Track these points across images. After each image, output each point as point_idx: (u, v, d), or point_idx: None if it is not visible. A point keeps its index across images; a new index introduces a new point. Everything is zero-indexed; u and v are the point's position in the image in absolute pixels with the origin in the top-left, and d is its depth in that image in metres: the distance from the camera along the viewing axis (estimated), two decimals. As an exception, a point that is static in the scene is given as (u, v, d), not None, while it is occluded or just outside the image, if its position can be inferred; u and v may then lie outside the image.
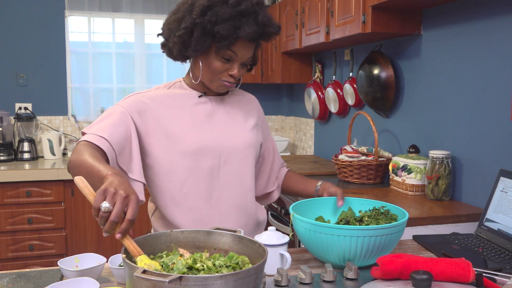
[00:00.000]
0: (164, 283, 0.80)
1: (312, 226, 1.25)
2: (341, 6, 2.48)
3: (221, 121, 1.49)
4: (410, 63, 2.52)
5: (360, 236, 1.20)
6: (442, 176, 2.12)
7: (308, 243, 1.30)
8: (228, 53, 1.39)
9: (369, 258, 1.25)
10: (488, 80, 2.00)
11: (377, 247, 1.22)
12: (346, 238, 1.21)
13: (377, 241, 1.21)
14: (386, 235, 1.22)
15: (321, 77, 3.55)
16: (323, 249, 1.26)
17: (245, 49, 1.40)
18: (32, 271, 1.26)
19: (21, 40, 3.71)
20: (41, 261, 3.23)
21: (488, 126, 2.00)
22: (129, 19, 3.89)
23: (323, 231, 1.23)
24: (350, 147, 2.75)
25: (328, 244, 1.24)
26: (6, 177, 3.13)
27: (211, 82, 1.45)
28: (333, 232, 1.22)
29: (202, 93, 1.51)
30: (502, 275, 1.21)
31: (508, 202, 1.58)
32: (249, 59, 1.44)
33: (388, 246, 1.25)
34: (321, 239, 1.24)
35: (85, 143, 1.29)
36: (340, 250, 1.23)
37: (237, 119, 1.53)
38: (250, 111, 1.59)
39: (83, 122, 3.89)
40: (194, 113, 1.47)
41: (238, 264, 1.01)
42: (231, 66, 1.41)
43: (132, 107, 1.40)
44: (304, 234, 1.29)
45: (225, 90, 1.48)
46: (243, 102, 1.60)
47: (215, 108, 1.50)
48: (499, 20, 1.94)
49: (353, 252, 1.23)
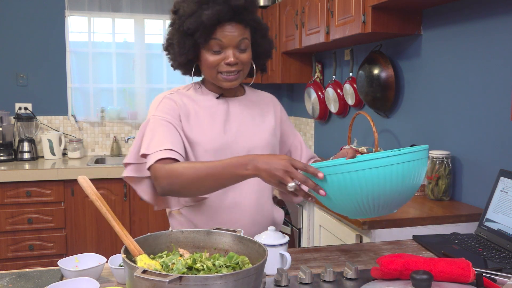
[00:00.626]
0: (164, 283, 0.80)
1: (329, 169, 1.13)
2: (341, 6, 2.48)
3: (238, 122, 1.48)
4: (410, 63, 2.52)
5: (375, 166, 1.10)
6: (442, 176, 2.12)
7: (331, 193, 1.16)
8: (213, 43, 1.37)
9: (395, 196, 1.15)
10: (488, 80, 2.00)
11: (403, 178, 1.13)
12: (372, 170, 1.10)
13: (405, 169, 1.12)
14: (412, 160, 1.13)
15: (321, 77, 3.55)
16: (345, 192, 1.14)
17: (229, 32, 1.37)
18: (32, 271, 1.26)
19: (21, 40, 3.71)
20: (41, 261, 3.23)
21: (488, 126, 2.00)
22: (129, 19, 3.89)
23: (340, 170, 1.11)
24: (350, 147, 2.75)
25: (342, 188, 1.12)
26: (6, 177, 3.13)
27: (215, 80, 1.43)
28: (356, 167, 1.10)
29: (219, 94, 1.50)
30: (502, 275, 1.21)
31: (508, 202, 1.58)
32: (240, 41, 1.38)
33: (411, 177, 1.15)
34: (339, 183, 1.12)
35: (162, 163, 1.28)
36: (367, 187, 1.12)
37: (254, 119, 1.51)
38: (268, 110, 1.57)
39: (83, 122, 3.89)
40: (212, 114, 1.46)
41: (238, 264, 1.01)
42: (224, 55, 1.38)
43: (171, 115, 1.40)
44: (324, 184, 1.16)
45: (231, 83, 1.43)
46: (260, 101, 1.58)
47: (232, 109, 1.49)
48: (499, 20, 1.94)
49: (381, 186, 1.12)
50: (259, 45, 1.48)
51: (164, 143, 1.32)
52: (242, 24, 1.39)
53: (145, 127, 1.40)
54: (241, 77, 1.45)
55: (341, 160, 1.13)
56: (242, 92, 1.57)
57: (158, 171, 1.28)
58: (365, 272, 1.24)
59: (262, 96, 1.61)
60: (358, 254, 1.45)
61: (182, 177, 1.24)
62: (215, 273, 0.96)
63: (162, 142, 1.32)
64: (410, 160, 1.13)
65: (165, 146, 1.31)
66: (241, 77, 1.44)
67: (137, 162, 1.41)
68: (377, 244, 1.55)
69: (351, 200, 1.14)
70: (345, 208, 1.18)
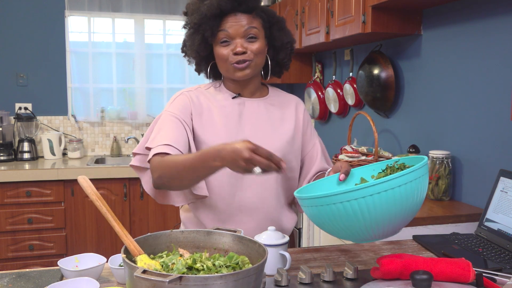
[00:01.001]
0: (164, 283, 0.80)
1: (316, 201, 1.07)
2: (341, 6, 2.48)
3: (250, 124, 1.45)
4: (410, 63, 2.52)
5: (376, 192, 1.01)
6: (442, 176, 2.12)
7: (321, 223, 1.12)
8: (221, 34, 1.37)
9: (396, 219, 1.07)
10: (488, 80, 2.00)
11: (401, 200, 1.04)
12: (360, 200, 1.02)
13: (402, 192, 1.03)
14: (408, 182, 1.03)
15: (321, 77, 3.55)
16: (340, 223, 1.07)
17: (234, 22, 1.36)
18: (32, 271, 1.26)
19: (21, 40, 3.71)
20: (41, 261, 3.23)
21: (488, 126, 2.00)
22: (129, 19, 3.89)
23: (332, 201, 1.04)
24: (350, 147, 2.75)
25: (343, 215, 1.05)
26: (6, 177, 3.13)
27: (228, 72, 1.41)
28: (343, 198, 1.03)
29: (237, 94, 1.48)
30: (502, 275, 1.21)
31: (508, 202, 1.58)
32: (247, 30, 1.36)
33: (414, 197, 1.07)
34: (332, 213, 1.05)
35: (158, 157, 1.28)
36: (359, 218, 1.04)
37: (271, 124, 1.47)
38: (289, 115, 1.51)
39: (83, 122, 3.89)
40: (226, 114, 1.44)
41: (238, 264, 1.01)
42: (233, 46, 1.37)
43: (182, 112, 1.40)
44: (313, 215, 1.11)
45: (242, 72, 1.39)
46: (283, 104, 1.53)
47: (248, 110, 1.46)
48: (499, 20, 1.94)
49: (378, 215, 1.04)
50: (276, 39, 1.45)
51: (166, 139, 1.32)
52: (250, 13, 1.38)
53: (157, 122, 1.41)
54: (253, 67, 1.40)
55: (334, 190, 1.07)
56: (265, 94, 1.53)
57: (152, 164, 1.30)
58: (365, 272, 1.24)
59: (286, 99, 1.55)
60: (358, 254, 1.45)
61: (168, 169, 1.25)
62: (215, 273, 0.96)
63: (165, 138, 1.33)
64: (413, 179, 1.05)
65: (166, 142, 1.31)
66: (253, 67, 1.39)
67: (143, 153, 1.42)
68: (377, 244, 1.55)
69: (349, 228, 1.08)
70: (344, 234, 1.12)
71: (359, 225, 1.06)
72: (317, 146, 1.56)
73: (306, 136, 1.55)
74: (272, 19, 1.43)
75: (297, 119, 1.53)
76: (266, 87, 1.56)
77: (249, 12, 1.37)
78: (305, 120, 1.55)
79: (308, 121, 1.57)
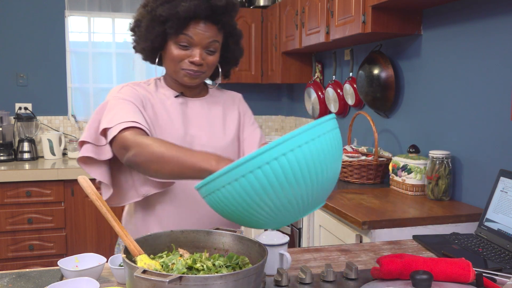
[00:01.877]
0: (164, 283, 0.80)
1: (220, 180, 0.87)
2: (341, 6, 2.48)
3: (195, 124, 1.40)
4: (410, 63, 2.52)
5: (275, 157, 0.84)
6: (442, 176, 2.12)
7: (233, 208, 0.90)
8: (183, 37, 1.31)
9: (322, 177, 0.89)
10: (488, 80, 2.00)
11: (324, 152, 0.88)
12: (276, 162, 0.84)
13: (306, 152, 0.85)
14: (311, 140, 0.86)
15: (321, 77, 3.55)
16: (254, 202, 0.88)
17: (201, 31, 1.31)
18: (32, 271, 1.26)
19: (21, 40, 3.71)
20: (41, 261, 3.23)
21: (488, 126, 2.00)
22: (129, 19, 3.87)
23: (238, 175, 0.85)
24: (350, 147, 2.76)
25: (258, 189, 0.86)
26: (6, 177, 3.13)
27: (176, 74, 1.36)
28: (253, 165, 0.84)
29: (179, 93, 1.43)
30: (502, 275, 1.21)
31: (508, 202, 1.58)
32: (210, 43, 1.33)
33: (333, 150, 0.90)
34: (244, 189, 0.86)
35: (132, 132, 1.19)
36: (282, 185, 0.86)
37: (214, 122, 1.44)
38: (230, 113, 1.49)
39: (83, 122, 3.89)
40: (169, 112, 1.39)
41: (238, 264, 1.01)
42: (191, 53, 1.33)
43: (134, 98, 1.33)
44: (220, 201, 0.90)
45: (192, 80, 1.37)
46: (224, 102, 1.50)
47: (191, 110, 1.42)
48: (499, 20, 1.94)
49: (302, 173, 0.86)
50: (230, 51, 1.43)
51: (128, 117, 1.24)
52: (217, 25, 1.34)
53: (104, 108, 1.31)
54: (203, 78, 1.40)
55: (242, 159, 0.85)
56: (205, 93, 1.50)
57: (126, 139, 1.19)
58: (365, 272, 1.24)
59: (226, 96, 1.53)
60: (358, 254, 1.45)
61: (148, 149, 1.14)
62: (215, 273, 0.96)
63: (126, 116, 1.24)
64: (326, 131, 0.89)
65: (129, 119, 1.23)
66: (202, 78, 1.39)
67: (95, 143, 1.30)
68: (377, 244, 1.55)
69: (268, 205, 0.88)
70: (267, 216, 0.91)
71: (281, 195, 0.87)
72: (256, 133, 1.50)
73: (246, 122, 1.52)
74: (233, 31, 1.41)
75: (238, 114, 1.51)
76: (205, 86, 1.52)
77: (217, 24, 1.33)
78: (244, 109, 1.53)
79: (247, 109, 1.54)
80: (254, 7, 3.88)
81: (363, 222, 1.81)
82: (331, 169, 0.91)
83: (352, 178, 2.57)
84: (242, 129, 1.50)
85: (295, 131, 0.85)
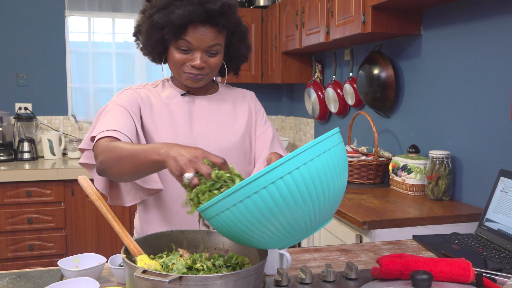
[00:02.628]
0: (164, 283, 0.80)
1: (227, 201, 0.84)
2: (341, 6, 2.48)
3: (200, 122, 1.40)
4: (410, 63, 2.52)
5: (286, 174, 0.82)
6: (442, 176, 2.12)
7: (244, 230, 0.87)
8: (182, 42, 1.30)
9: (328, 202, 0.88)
10: (488, 80, 2.00)
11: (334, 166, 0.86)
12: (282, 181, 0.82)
13: (312, 169, 0.84)
14: (316, 157, 0.84)
15: (321, 77, 3.55)
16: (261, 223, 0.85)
17: (200, 35, 1.29)
18: (32, 271, 1.26)
19: (21, 40, 3.71)
20: (41, 261, 3.23)
21: (488, 126, 2.00)
22: (129, 19, 3.89)
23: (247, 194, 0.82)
24: (350, 147, 2.76)
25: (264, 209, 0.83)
26: (6, 177, 3.13)
27: (180, 76, 1.36)
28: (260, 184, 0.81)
29: (186, 91, 1.43)
30: (502, 275, 1.21)
31: (508, 202, 1.58)
32: (210, 46, 1.31)
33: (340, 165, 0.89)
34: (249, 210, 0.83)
35: (104, 140, 1.20)
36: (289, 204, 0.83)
37: (220, 120, 1.42)
38: (240, 110, 1.48)
39: (83, 122, 3.89)
40: (174, 111, 1.39)
41: (238, 264, 1.01)
42: (192, 57, 1.32)
43: (129, 102, 1.35)
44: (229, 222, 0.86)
45: (195, 83, 1.36)
46: (234, 100, 1.49)
47: (198, 108, 1.41)
48: (499, 20, 1.94)
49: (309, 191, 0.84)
50: (234, 48, 1.41)
51: (112, 125, 1.25)
52: (217, 27, 1.32)
53: (101, 113, 1.34)
54: (207, 79, 1.38)
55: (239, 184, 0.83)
56: (214, 90, 1.49)
57: (97, 148, 1.21)
58: (365, 272, 1.24)
59: (237, 94, 1.52)
60: (358, 254, 1.45)
61: (110, 153, 1.14)
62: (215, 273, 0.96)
63: (110, 124, 1.25)
64: (331, 147, 0.87)
65: (111, 127, 1.24)
66: (206, 79, 1.37)
67: (90, 149, 1.33)
68: (377, 244, 1.55)
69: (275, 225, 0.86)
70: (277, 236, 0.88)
71: (288, 215, 0.85)
72: (269, 132, 1.50)
73: (258, 120, 1.50)
74: (236, 29, 1.38)
75: (249, 111, 1.49)
76: (216, 84, 1.51)
77: (217, 26, 1.31)
78: (256, 107, 1.52)
79: (259, 107, 1.53)
80: (254, 7, 3.88)
81: (363, 222, 1.81)
82: (337, 185, 0.90)
83: (352, 178, 2.57)
84: (254, 127, 1.49)
85: (298, 149, 0.83)
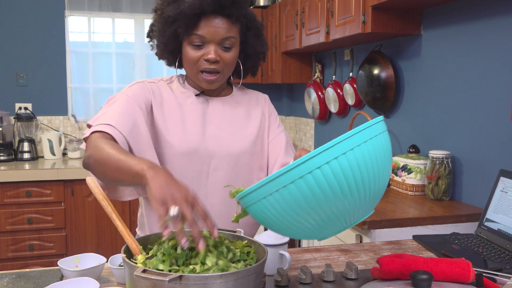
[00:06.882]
0: (164, 282, 0.80)
1: (268, 187, 0.83)
2: (341, 6, 2.48)
3: (213, 124, 1.37)
4: (410, 63, 2.52)
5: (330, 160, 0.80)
6: (442, 176, 2.12)
7: (281, 218, 0.87)
8: (194, 38, 1.27)
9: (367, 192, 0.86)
10: (488, 80, 2.00)
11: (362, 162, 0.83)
12: (323, 168, 0.79)
13: (358, 155, 0.82)
14: (363, 143, 0.83)
15: (321, 77, 3.55)
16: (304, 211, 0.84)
17: (213, 27, 1.25)
18: (32, 271, 1.26)
19: (21, 40, 3.70)
20: (41, 261, 3.23)
21: (488, 126, 2.00)
22: (129, 19, 3.89)
23: (288, 180, 0.80)
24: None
25: (300, 198, 0.81)
26: (6, 177, 3.13)
27: (195, 77, 1.32)
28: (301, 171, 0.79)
29: (200, 92, 1.39)
30: (502, 275, 1.21)
31: (508, 202, 1.58)
32: (224, 39, 1.27)
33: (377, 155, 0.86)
34: (286, 198, 0.82)
35: (98, 135, 1.18)
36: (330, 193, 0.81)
37: (233, 123, 1.39)
38: (254, 113, 1.44)
39: (83, 122, 3.89)
40: (187, 111, 1.35)
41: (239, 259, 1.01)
42: (206, 51, 1.28)
43: (138, 96, 1.30)
44: (269, 209, 0.86)
45: (210, 85, 1.33)
46: (248, 103, 1.45)
47: (212, 109, 1.38)
48: (499, 20, 1.94)
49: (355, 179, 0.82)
50: (250, 46, 1.36)
51: (110, 119, 1.22)
52: (230, 19, 1.27)
53: (109, 101, 1.32)
54: (222, 78, 1.33)
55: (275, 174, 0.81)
56: (229, 92, 1.45)
57: (89, 141, 1.18)
58: (365, 272, 1.24)
59: (251, 96, 1.48)
60: (358, 254, 1.45)
61: (99, 152, 1.12)
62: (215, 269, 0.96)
63: (109, 118, 1.22)
64: (374, 135, 0.86)
65: (108, 121, 1.21)
66: (221, 78, 1.33)
67: None
68: (377, 244, 1.55)
69: (317, 213, 0.84)
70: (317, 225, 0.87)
71: (332, 202, 0.82)
72: (282, 136, 1.46)
73: (271, 124, 1.47)
74: (250, 24, 1.34)
75: (262, 115, 1.46)
76: (230, 86, 1.47)
77: (230, 17, 1.27)
78: (270, 110, 1.49)
79: (273, 111, 1.50)
80: (254, 7, 3.88)
81: (363, 222, 1.81)
82: (383, 174, 0.87)
83: (352, 178, 2.56)
84: (267, 131, 1.46)
85: (344, 135, 0.82)
